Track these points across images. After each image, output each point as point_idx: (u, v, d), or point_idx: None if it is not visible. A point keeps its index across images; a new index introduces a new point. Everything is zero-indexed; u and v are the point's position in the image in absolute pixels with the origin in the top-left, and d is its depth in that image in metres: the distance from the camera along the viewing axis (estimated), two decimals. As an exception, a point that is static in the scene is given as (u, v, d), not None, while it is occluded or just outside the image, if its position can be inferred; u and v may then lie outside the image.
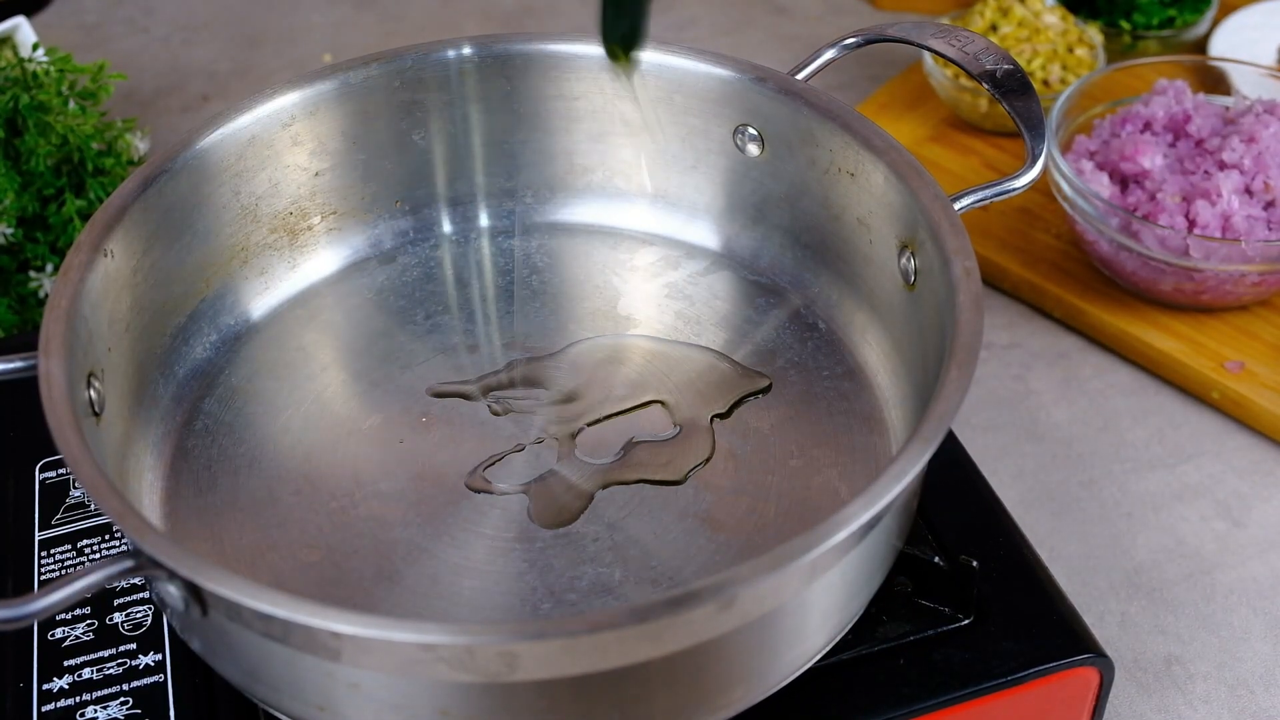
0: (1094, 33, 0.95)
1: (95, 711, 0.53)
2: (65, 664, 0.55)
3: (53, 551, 0.59)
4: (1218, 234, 0.77)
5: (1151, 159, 0.80)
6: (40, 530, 0.60)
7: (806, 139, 0.63)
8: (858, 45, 0.65)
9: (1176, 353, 0.79)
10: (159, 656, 0.55)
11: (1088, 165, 0.81)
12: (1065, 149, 0.85)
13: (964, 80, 0.91)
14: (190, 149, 0.61)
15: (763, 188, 0.66)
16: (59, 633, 0.56)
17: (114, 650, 0.55)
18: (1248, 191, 0.78)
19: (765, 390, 0.62)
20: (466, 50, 0.67)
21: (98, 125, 0.84)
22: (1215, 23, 0.99)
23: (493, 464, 0.59)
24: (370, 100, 0.66)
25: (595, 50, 0.66)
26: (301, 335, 0.65)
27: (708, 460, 0.59)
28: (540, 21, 1.13)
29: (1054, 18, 0.95)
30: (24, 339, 0.68)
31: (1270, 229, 0.78)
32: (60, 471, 0.62)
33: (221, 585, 0.43)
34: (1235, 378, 0.77)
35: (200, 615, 0.47)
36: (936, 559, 0.55)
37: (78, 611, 0.57)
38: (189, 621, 0.48)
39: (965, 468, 0.62)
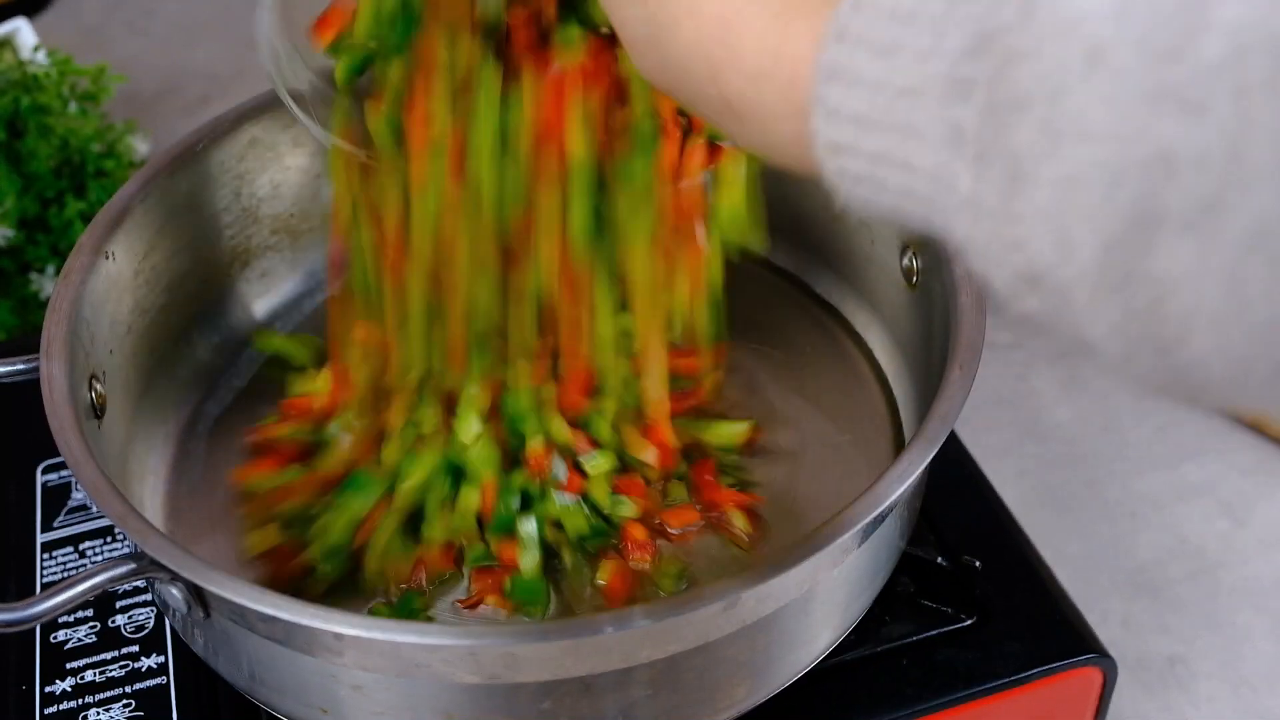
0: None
1: (98, 714, 0.53)
2: (68, 666, 0.55)
3: (55, 554, 0.59)
4: (1219, 233, 0.77)
5: (1153, 158, 0.80)
6: (42, 532, 0.60)
7: (808, 139, 0.63)
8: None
9: (1179, 351, 0.79)
10: (161, 659, 0.55)
11: (1089, 164, 0.81)
12: (1066, 148, 0.84)
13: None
14: (191, 151, 0.61)
15: (764, 189, 0.66)
16: (61, 635, 0.56)
17: (116, 653, 0.55)
18: (1249, 190, 0.78)
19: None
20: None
21: (98, 127, 0.84)
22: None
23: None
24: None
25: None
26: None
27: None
28: (540, 22, 1.13)
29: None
30: (25, 341, 0.68)
31: (1272, 228, 0.78)
32: (62, 474, 0.62)
33: (224, 587, 0.43)
34: (1237, 377, 0.77)
35: (203, 617, 0.47)
36: (939, 559, 0.55)
37: (80, 614, 0.57)
38: (191, 624, 0.48)
39: (968, 468, 0.62)
